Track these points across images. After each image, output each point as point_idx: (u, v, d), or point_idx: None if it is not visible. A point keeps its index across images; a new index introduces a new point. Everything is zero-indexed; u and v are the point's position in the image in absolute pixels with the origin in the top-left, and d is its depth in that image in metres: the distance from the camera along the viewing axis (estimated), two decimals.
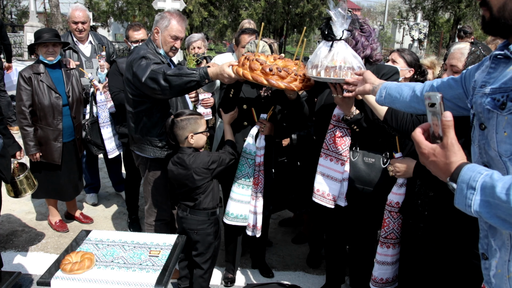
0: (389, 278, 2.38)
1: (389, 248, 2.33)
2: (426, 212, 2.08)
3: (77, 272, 1.90)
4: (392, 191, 2.29)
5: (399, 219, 2.29)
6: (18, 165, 3.15)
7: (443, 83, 1.51)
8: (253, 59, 2.26)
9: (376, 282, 2.39)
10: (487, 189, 0.98)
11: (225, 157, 2.62)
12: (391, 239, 2.32)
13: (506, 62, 1.15)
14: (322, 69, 2.08)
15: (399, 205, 2.27)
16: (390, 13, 33.05)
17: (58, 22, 13.17)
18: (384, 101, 1.76)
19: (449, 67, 2.11)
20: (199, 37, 4.10)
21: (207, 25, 20.27)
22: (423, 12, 20.89)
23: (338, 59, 2.05)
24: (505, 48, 1.15)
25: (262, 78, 2.21)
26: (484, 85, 1.17)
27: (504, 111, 1.07)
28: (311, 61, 2.16)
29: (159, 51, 2.78)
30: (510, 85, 1.07)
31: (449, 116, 1.06)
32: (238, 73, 2.29)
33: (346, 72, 2.03)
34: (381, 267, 2.37)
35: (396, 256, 2.36)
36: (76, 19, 4.06)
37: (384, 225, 2.32)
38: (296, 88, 2.25)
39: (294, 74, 2.24)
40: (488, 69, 1.20)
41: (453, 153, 1.07)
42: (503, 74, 1.12)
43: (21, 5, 29.72)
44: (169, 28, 2.73)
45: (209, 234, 2.64)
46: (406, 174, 2.21)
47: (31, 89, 3.33)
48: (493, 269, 1.17)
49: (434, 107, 1.09)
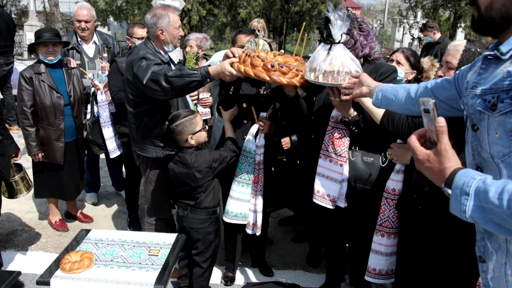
0: (383, 269, 2.37)
1: (384, 237, 2.33)
2: (420, 206, 2.09)
3: (76, 271, 1.90)
4: (390, 178, 2.30)
5: (395, 207, 2.30)
6: (14, 166, 3.15)
7: (436, 84, 1.51)
8: (254, 56, 2.25)
9: (369, 272, 2.40)
10: (480, 194, 0.98)
11: (226, 155, 2.62)
12: (386, 228, 2.32)
13: (496, 62, 1.14)
14: (320, 74, 2.08)
15: (395, 192, 2.27)
16: (390, 11, 33.02)
17: (57, 21, 13.16)
18: (380, 104, 1.77)
19: (444, 63, 2.13)
20: (194, 37, 4.09)
21: (206, 24, 20.24)
22: (423, 11, 20.87)
23: (336, 63, 2.05)
24: (495, 49, 1.15)
25: (264, 74, 2.21)
26: (475, 86, 1.17)
27: (495, 112, 1.06)
28: (309, 64, 2.16)
29: (164, 48, 2.80)
30: (500, 86, 1.06)
31: (442, 122, 1.06)
32: (239, 70, 2.28)
33: (344, 77, 2.04)
34: (374, 256, 2.37)
35: (391, 248, 2.35)
36: (80, 17, 4.04)
37: (380, 212, 2.33)
38: (298, 84, 2.25)
39: (296, 70, 2.24)
40: (479, 70, 1.19)
41: (447, 159, 1.07)
42: (493, 75, 1.11)
43: (21, 4, 29.69)
44: (172, 22, 2.76)
45: (210, 233, 2.64)
46: (403, 160, 2.22)
47: (32, 89, 3.33)
48: (490, 272, 1.16)
49: (428, 113, 1.10)
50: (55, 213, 3.86)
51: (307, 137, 3.04)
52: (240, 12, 17.79)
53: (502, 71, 1.07)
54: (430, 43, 6.65)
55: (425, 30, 6.52)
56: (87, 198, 4.46)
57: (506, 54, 1.10)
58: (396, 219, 2.31)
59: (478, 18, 1.16)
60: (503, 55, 1.11)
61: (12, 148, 3.02)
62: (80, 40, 4.14)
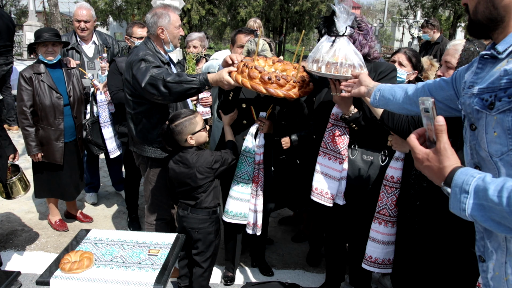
0: (379, 258, 2.37)
1: (381, 224, 2.33)
2: (418, 202, 2.09)
3: (76, 271, 1.90)
4: (390, 165, 2.31)
5: (393, 195, 2.30)
6: (11, 167, 3.15)
7: (434, 84, 1.52)
8: (252, 67, 2.25)
9: (366, 259, 2.40)
10: (480, 192, 0.98)
11: (227, 157, 2.62)
12: (383, 215, 2.32)
13: (493, 62, 1.15)
14: (323, 65, 2.08)
15: (393, 180, 2.28)
16: (390, 11, 33.02)
17: (57, 21, 13.16)
18: (378, 103, 1.79)
19: (444, 63, 2.13)
20: (196, 36, 4.10)
21: (206, 24, 20.24)
22: (422, 10, 20.88)
23: (339, 55, 2.06)
24: (492, 48, 1.16)
25: (261, 87, 2.21)
26: (472, 86, 1.17)
27: (492, 111, 1.06)
28: (312, 55, 2.16)
29: (165, 48, 2.80)
30: (498, 84, 1.06)
31: (441, 120, 1.06)
32: (237, 81, 2.29)
33: (346, 69, 2.04)
34: (371, 243, 2.38)
35: (388, 237, 2.35)
36: (79, 17, 4.04)
37: (379, 199, 2.34)
38: (294, 96, 2.26)
39: (293, 82, 2.25)
40: (476, 70, 1.20)
41: (446, 158, 1.07)
42: (490, 74, 1.11)
43: (20, 4, 29.69)
44: (172, 21, 2.76)
45: (210, 232, 2.64)
46: (403, 148, 2.23)
47: (32, 89, 3.33)
48: (490, 272, 1.16)
49: (427, 112, 1.10)
50: (55, 213, 3.86)
51: (307, 137, 3.04)
52: (240, 11, 17.79)
53: (499, 69, 1.07)
54: (428, 42, 6.63)
55: (426, 27, 6.43)
56: (87, 198, 4.46)
57: (503, 53, 1.11)
58: (394, 207, 2.31)
59: (469, 22, 1.20)
60: (500, 54, 1.12)
61: (9, 149, 3.02)
62: (80, 40, 4.13)
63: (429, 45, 6.58)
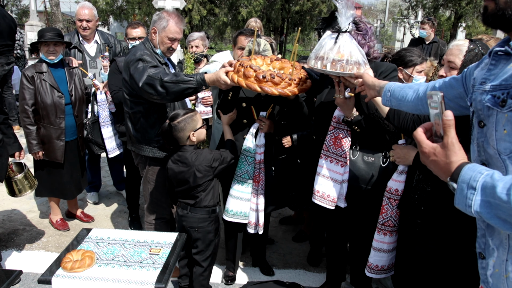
0: (385, 265, 2.38)
1: (386, 235, 2.33)
2: (422, 207, 2.08)
3: (77, 270, 1.91)
4: (392, 178, 2.29)
5: (397, 207, 2.29)
6: (13, 165, 3.16)
7: (444, 83, 1.50)
8: (247, 66, 2.26)
9: (371, 268, 2.40)
10: (487, 189, 0.97)
11: (226, 156, 2.62)
12: (388, 226, 2.32)
13: (506, 58, 1.13)
14: (328, 62, 2.05)
15: (397, 192, 2.26)
16: (391, 11, 32.97)
17: (58, 21, 13.17)
18: (391, 104, 1.76)
19: (446, 62, 2.10)
20: (198, 36, 4.10)
21: (206, 24, 20.23)
22: (423, 10, 20.85)
23: (345, 52, 2.03)
24: (506, 44, 1.14)
25: (256, 86, 2.22)
26: (484, 82, 1.16)
27: (504, 109, 1.05)
28: (315, 52, 2.14)
29: (156, 51, 2.77)
30: (511, 82, 1.05)
31: (450, 115, 1.05)
32: (233, 80, 2.30)
33: (352, 66, 2.02)
34: (377, 253, 2.37)
35: (392, 244, 2.35)
36: (81, 16, 4.05)
37: (382, 212, 2.33)
38: (290, 94, 2.26)
39: (289, 79, 2.24)
40: (488, 66, 1.18)
41: (453, 153, 1.05)
42: (503, 71, 1.10)
43: (22, 4, 29.70)
44: (167, 30, 2.71)
45: (210, 231, 2.65)
46: (406, 162, 2.20)
47: (33, 88, 3.35)
48: (490, 269, 1.16)
49: (436, 106, 1.08)
50: (56, 212, 3.87)
51: (308, 136, 3.04)
52: (241, 11, 17.77)
53: None
54: (420, 40, 6.54)
55: (427, 23, 6.34)
56: (88, 198, 4.47)
57: None
58: (398, 218, 2.31)
59: (495, 10, 1.13)
60: None
61: (14, 147, 3.03)
62: (82, 39, 4.15)
63: (421, 43, 6.48)
